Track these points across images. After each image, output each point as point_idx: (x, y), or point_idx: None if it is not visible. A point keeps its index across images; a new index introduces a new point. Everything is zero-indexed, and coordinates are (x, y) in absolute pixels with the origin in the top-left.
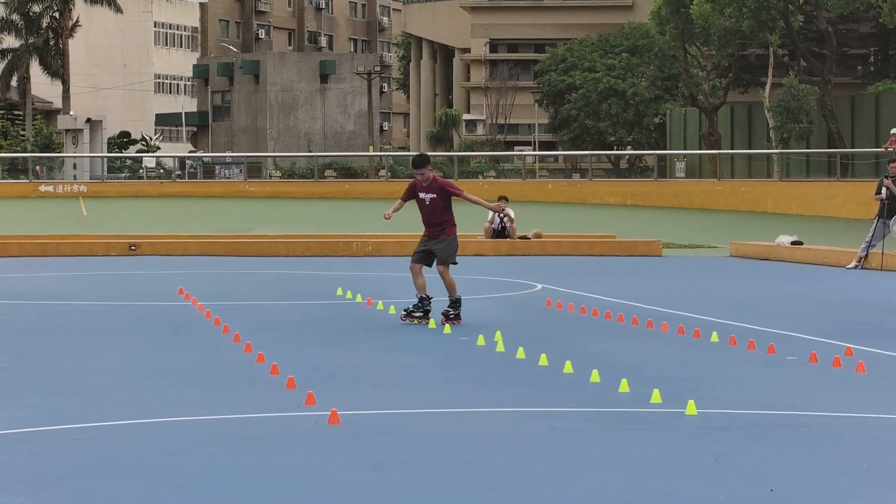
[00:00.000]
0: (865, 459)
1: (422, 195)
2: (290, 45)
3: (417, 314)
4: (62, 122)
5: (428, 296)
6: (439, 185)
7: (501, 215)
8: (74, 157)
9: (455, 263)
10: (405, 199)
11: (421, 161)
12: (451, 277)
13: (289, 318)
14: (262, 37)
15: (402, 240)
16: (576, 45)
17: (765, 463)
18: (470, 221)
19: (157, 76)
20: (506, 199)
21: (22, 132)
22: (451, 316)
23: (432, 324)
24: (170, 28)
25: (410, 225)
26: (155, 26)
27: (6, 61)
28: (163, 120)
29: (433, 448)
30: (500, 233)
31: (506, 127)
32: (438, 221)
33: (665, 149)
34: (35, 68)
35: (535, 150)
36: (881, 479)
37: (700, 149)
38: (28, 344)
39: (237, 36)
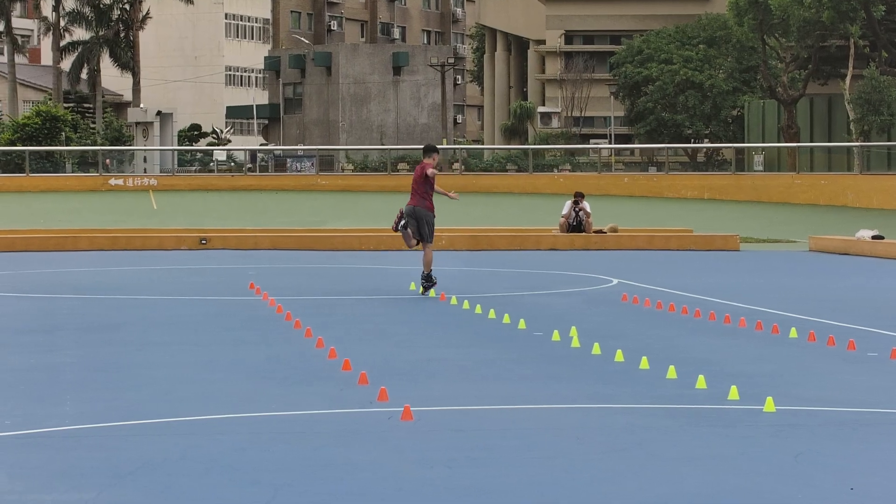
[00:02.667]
0: None
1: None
2: (362, 36)
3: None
4: (132, 115)
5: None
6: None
7: (577, 209)
8: (145, 150)
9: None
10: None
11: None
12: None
13: (361, 313)
14: (335, 28)
15: (475, 233)
16: (652, 37)
17: (845, 460)
18: (545, 216)
19: (228, 68)
20: (581, 195)
21: (92, 125)
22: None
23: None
24: (241, 20)
25: (483, 219)
26: (226, 18)
27: (77, 53)
28: (234, 112)
29: (507, 445)
30: (576, 227)
31: (581, 119)
32: None
33: (743, 142)
34: (105, 61)
35: (610, 143)
36: None
37: (779, 142)
38: (99, 338)
39: (309, 28)
